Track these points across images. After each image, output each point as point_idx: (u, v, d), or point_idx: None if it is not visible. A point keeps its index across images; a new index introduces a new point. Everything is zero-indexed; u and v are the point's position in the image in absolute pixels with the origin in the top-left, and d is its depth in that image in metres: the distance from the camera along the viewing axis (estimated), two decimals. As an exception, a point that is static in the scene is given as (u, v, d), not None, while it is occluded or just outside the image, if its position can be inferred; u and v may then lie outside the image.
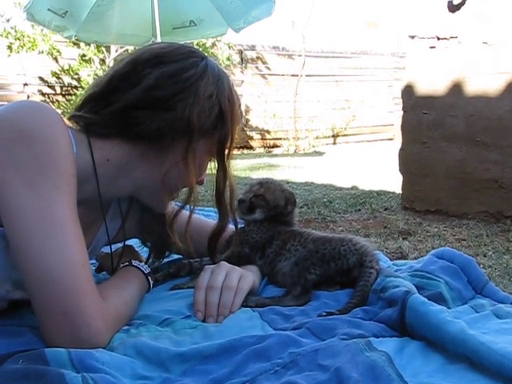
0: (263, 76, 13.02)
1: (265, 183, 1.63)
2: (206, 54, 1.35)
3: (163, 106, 1.22)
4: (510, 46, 4.26)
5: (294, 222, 1.64)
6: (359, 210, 4.92)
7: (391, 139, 13.70)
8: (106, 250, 1.49)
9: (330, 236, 1.51)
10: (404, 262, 1.73)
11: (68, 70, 10.48)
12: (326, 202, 5.25)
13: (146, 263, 1.49)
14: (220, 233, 1.45)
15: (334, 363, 0.96)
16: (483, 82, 4.41)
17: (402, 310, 1.15)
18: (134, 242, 1.61)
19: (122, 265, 1.39)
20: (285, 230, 1.58)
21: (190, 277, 1.54)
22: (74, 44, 9.95)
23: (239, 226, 1.54)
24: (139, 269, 1.37)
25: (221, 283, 1.30)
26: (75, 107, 1.28)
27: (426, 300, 1.15)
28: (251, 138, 12.83)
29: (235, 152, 1.40)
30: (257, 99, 12.69)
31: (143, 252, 1.61)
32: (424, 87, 4.81)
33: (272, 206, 1.59)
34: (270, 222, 1.59)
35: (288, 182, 6.53)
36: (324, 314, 1.24)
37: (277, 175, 7.42)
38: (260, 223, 1.59)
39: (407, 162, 5.00)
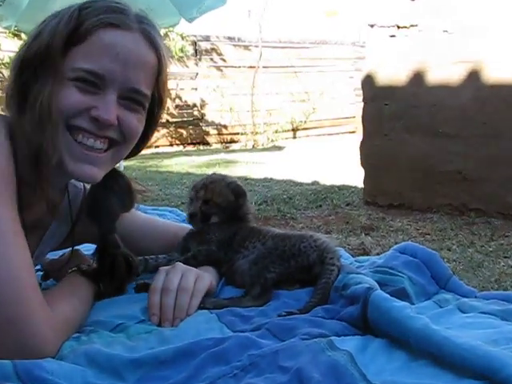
0: (219, 68, 12.99)
1: (209, 184, 1.60)
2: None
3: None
4: (470, 34, 4.35)
5: (249, 216, 1.64)
6: (320, 205, 4.97)
7: (353, 132, 13.82)
8: (53, 255, 1.47)
9: (290, 233, 1.52)
10: (366, 258, 1.75)
11: (8, 63, 10.25)
12: (286, 198, 5.28)
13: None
14: None
15: (294, 364, 0.97)
16: (445, 71, 4.50)
17: (364, 307, 1.17)
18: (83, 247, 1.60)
19: (69, 270, 1.37)
20: (245, 226, 1.59)
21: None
22: (15, 35, 9.74)
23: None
24: (88, 273, 1.36)
25: (176, 285, 1.30)
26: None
27: (389, 296, 1.17)
28: (207, 133, 12.80)
29: (191, 148, 1.39)
30: (212, 93, 12.65)
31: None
32: (384, 77, 4.89)
33: (224, 207, 1.59)
34: (229, 220, 1.60)
35: (246, 179, 6.54)
36: (284, 313, 1.25)
37: (234, 171, 7.42)
38: (220, 222, 1.59)
39: (369, 155, 5.07)
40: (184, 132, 12.46)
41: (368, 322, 1.16)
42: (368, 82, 5.01)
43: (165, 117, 10.90)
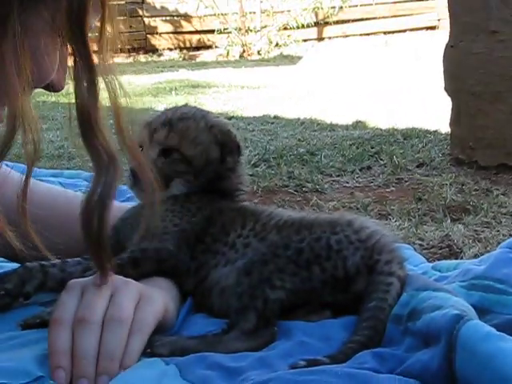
0: None
1: (177, 120, 1.64)
2: None
3: None
4: None
5: (241, 192, 1.66)
6: (369, 167, 4.96)
7: (432, 28, 13.78)
8: None
9: (312, 217, 1.55)
10: (455, 262, 1.78)
11: None
12: (305, 153, 5.27)
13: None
14: (93, 205, 1.36)
15: None
16: None
17: (449, 350, 1.19)
18: None
19: None
20: (229, 206, 1.61)
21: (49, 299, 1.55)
22: None
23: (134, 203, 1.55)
24: None
25: (101, 313, 1.32)
26: None
27: (495, 331, 1.19)
28: (153, 30, 12.75)
29: (120, 59, 1.39)
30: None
31: None
32: None
33: (199, 168, 1.62)
34: (199, 194, 1.63)
35: (231, 117, 6.54)
36: (302, 363, 1.27)
37: (207, 104, 7.41)
38: (184, 197, 1.63)
39: (461, 72, 5.06)
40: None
41: (455, 378, 1.18)
42: None
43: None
